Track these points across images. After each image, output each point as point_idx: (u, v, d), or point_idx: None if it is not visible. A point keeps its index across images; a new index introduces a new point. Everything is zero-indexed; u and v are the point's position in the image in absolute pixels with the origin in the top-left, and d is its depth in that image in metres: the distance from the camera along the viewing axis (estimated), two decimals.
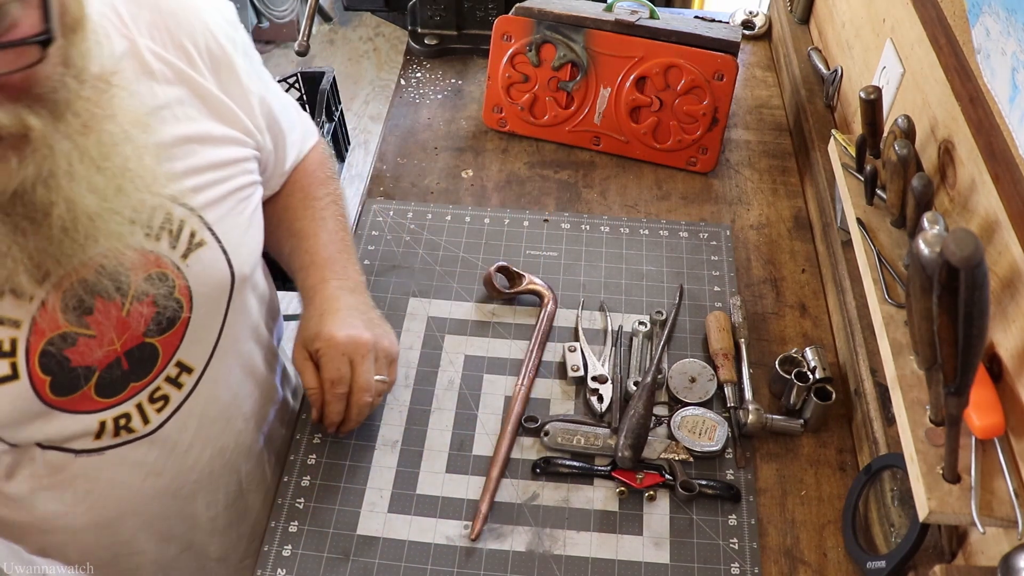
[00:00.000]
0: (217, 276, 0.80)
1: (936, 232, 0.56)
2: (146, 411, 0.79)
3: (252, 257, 0.85)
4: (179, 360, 0.80)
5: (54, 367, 0.70)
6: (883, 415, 0.87)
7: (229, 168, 0.81)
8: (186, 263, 0.76)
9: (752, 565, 0.84)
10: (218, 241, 0.79)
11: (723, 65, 1.20)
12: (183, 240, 0.75)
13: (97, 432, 0.76)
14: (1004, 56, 0.71)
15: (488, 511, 0.87)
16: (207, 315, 0.81)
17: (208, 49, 0.79)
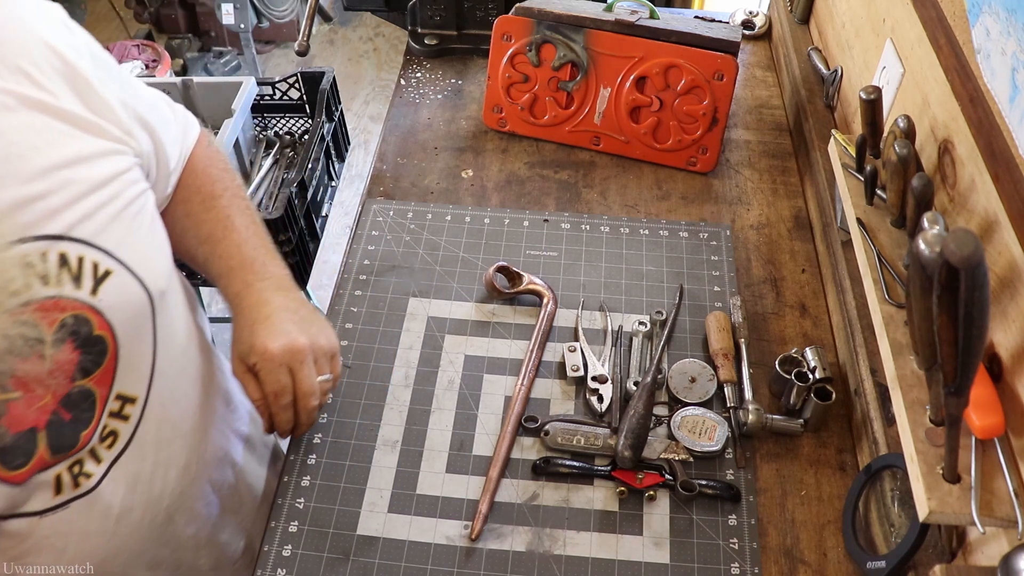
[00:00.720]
0: (134, 302, 0.76)
1: (936, 232, 0.56)
2: (97, 452, 0.76)
3: (163, 269, 0.81)
4: (119, 393, 0.76)
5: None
6: (883, 415, 0.87)
7: (112, 184, 0.75)
8: (97, 298, 0.71)
9: (752, 565, 0.84)
10: (124, 265, 0.74)
11: (723, 65, 1.20)
12: (86, 275, 0.71)
13: (55, 488, 0.73)
14: (1004, 56, 0.71)
15: (488, 511, 0.87)
16: (136, 342, 0.77)
17: (51, 65, 0.72)
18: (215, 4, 3.18)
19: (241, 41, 3.28)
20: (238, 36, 3.27)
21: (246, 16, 3.21)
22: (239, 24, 3.20)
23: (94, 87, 0.75)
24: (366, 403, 0.98)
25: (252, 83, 1.50)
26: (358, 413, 0.97)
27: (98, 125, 0.75)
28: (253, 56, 3.33)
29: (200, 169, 0.92)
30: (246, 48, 3.30)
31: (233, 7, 3.17)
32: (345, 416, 0.96)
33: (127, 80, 0.83)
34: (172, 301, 0.84)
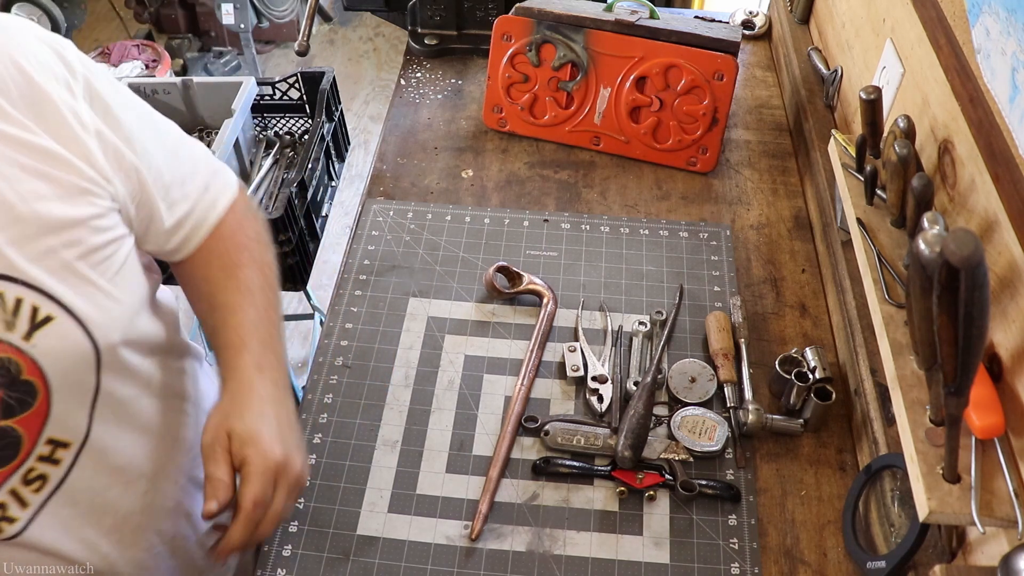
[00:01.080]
0: (74, 351, 0.72)
1: (936, 232, 0.56)
2: (22, 495, 0.72)
3: (122, 319, 0.76)
4: (50, 438, 0.72)
5: None
6: (883, 415, 0.87)
7: (72, 230, 0.70)
8: (31, 343, 0.68)
9: (752, 565, 0.84)
10: (71, 314, 0.70)
11: (723, 65, 1.20)
12: (22, 319, 0.67)
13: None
14: (1004, 56, 0.71)
15: (488, 511, 0.87)
16: (73, 391, 0.73)
17: (21, 93, 0.68)
18: (215, 4, 3.19)
19: (241, 41, 3.28)
20: (238, 36, 3.27)
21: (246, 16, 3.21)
22: (239, 24, 3.20)
23: (67, 120, 0.71)
24: (366, 403, 0.98)
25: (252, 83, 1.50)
26: (358, 413, 0.97)
27: (66, 162, 0.70)
28: (253, 56, 3.33)
29: (227, 235, 0.88)
30: (246, 48, 3.30)
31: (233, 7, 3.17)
32: (345, 416, 0.96)
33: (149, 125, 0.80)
34: (132, 353, 0.79)
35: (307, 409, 0.97)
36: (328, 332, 1.05)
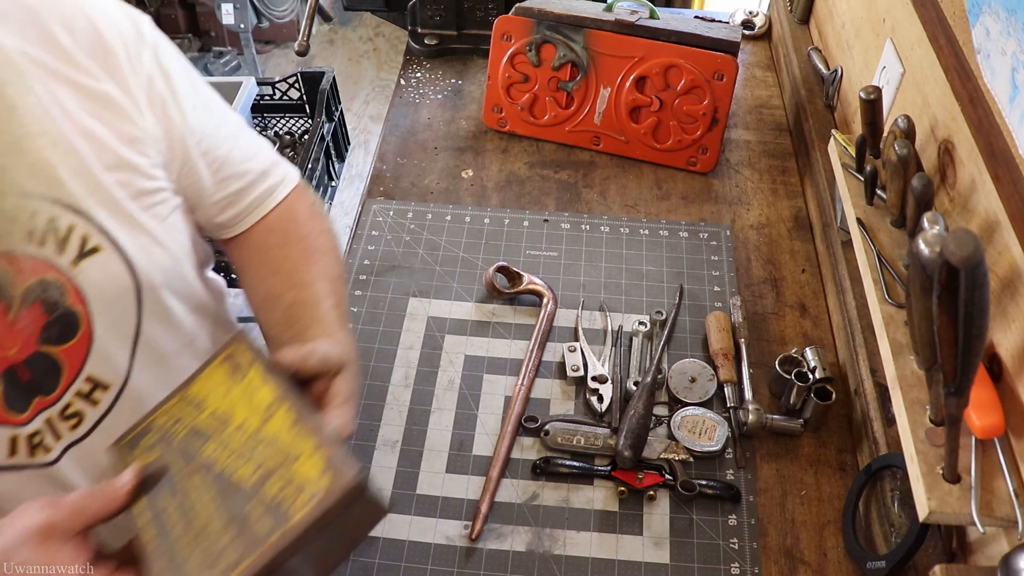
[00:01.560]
0: (117, 285, 0.74)
1: (936, 232, 0.56)
2: (58, 428, 0.74)
3: (165, 264, 0.79)
4: (89, 375, 0.75)
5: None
6: (883, 415, 0.87)
7: (125, 171, 0.74)
8: (77, 269, 0.71)
9: (752, 565, 0.84)
10: (116, 247, 0.73)
11: (723, 65, 1.20)
12: (72, 246, 0.71)
13: (10, 449, 0.72)
14: (1004, 56, 0.71)
15: (488, 511, 0.87)
16: (113, 326, 0.75)
17: (91, 45, 0.73)
18: (215, 4, 3.18)
19: (241, 41, 3.28)
20: (238, 36, 3.27)
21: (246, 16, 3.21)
22: (239, 24, 3.20)
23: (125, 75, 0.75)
24: (366, 403, 0.98)
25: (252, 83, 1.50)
26: (358, 413, 0.97)
27: (126, 112, 0.75)
28: (253, 56, 3.33)
29: (302, 219, 0.91)
30: (246, 48, 3.30)
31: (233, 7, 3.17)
32: None
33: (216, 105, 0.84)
34: (175, 301, 0.82)
35: None
36: None
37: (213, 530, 0.62)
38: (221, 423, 0.69)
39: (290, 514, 0.59)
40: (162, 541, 0.64)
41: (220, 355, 0.75)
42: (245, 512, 0.62)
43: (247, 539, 0.60)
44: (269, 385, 0.69)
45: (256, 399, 0.69)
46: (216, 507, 0.64)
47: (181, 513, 0.65)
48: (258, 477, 0.63)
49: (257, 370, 0.71)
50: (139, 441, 0.73)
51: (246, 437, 0.66)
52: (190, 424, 0.71)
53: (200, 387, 0.74)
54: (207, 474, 0.67)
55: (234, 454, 0.66)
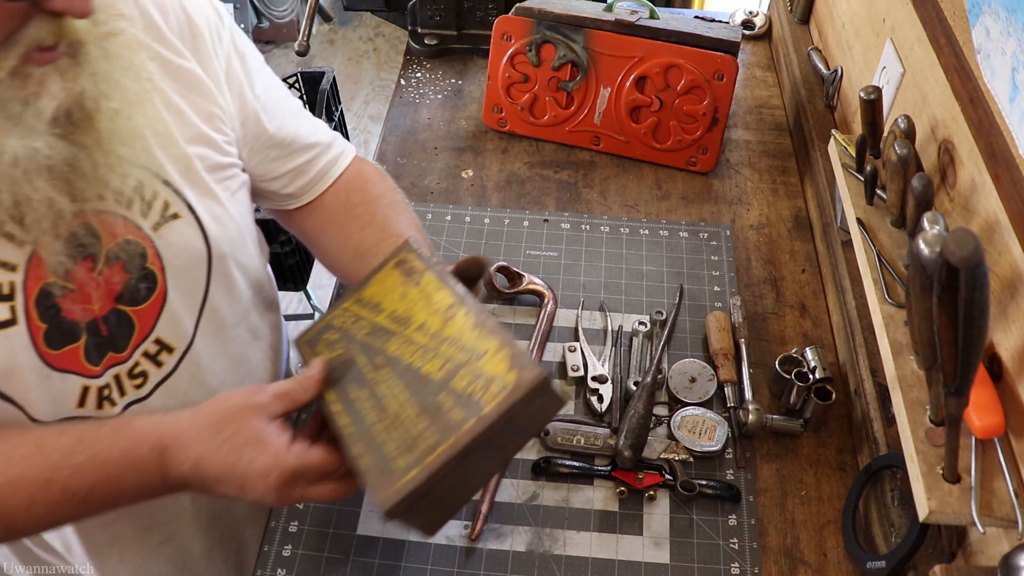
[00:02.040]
0: (192, 251, 0.79)
1: (936, 232, 0.56)
2: (124, 385, 0.78)
3: (233, 235, 0.83)
4: (158, 337, 0.78)
5: (47, 316, 0.70)
6: (883, 415, 0.87)
7: (204, 145, 0.80)
8: (158, 234, 0.75)
9: (752, 565, 0.84)
10: (194, 215, 0.78)
11: (723, 65, 1.20)
12: (155, 211, 0.75)
13: (79, 399, 0.75)
14: (1004, 56, 0.71)
15: (488, 511, 0.87)
16: (184, 291, 0.80)
17: (179, 24, 0.78)
18: None
19: None
20: None
21: (246, 16, 3.21)
22: (239, 24, 3.20)
23: (211, 57, 0.81)
24: None
25: None
26: None
27: (208, 90, 0.80)
28: None
29: (376, 179, 0.98)
30: None
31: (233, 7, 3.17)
32: None
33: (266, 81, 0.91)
34: (237, 272, 0.86)
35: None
36: None
37: (407, 418, 0.69)
38: (401, 323, 0.76)
39: (482, 404, 0.65)
40: (358, 426, 0.71)
41: (391, 261, 0.82)
42: (437, 402, 0.68)
43: (442, 426, 0.66)
44: (445, 290, 0.75)
45: (434, 302, 0.75)
46: (407, 398, 0.70)
47: (373, 402, 0.71)
48: (446, 372, 0.69)
49: (431, 276, 0.77)
50: (320, 337, 0.80)
51: (429, 336, 0.73)
52: (370, 323, 0.78)
53: (374, 291, 0.81)
54: (394, 368, 0.73)
55: (419, 350, 0.72)
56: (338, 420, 0.71)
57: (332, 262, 0.96)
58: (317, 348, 0.79)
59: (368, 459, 0.67)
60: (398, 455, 0.66)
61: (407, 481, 0.64)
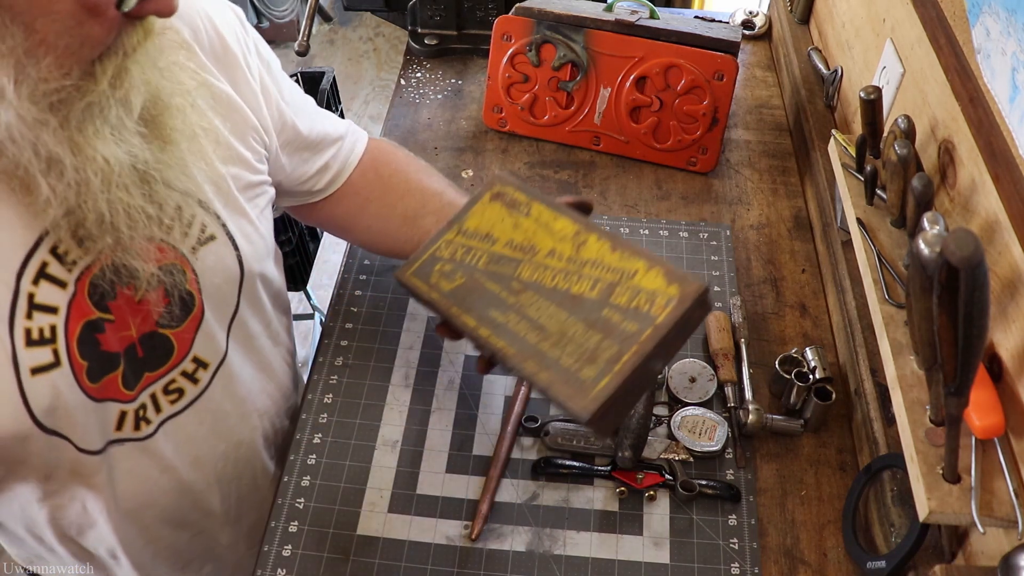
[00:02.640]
0: (227, 271, 0.81)
1: (936, 232, 0.56)
2: (159, 401, 0.80)
3: (261, 253, 0.86)
4: (195, 355, 0.81)
5: (89, 353, 0.71)
6: (883, 415, 0.87)
7: (237, 165, 0.82)
8: (196, 256, 0.77)
9: (752, 565, 0.84)
10: (229, 236, 0.80)
11: (723, 65, 1.20)
12: (193, 233, 0.77)
13: (117, 424, 0.77)
14: (1004, 56, 0.71)
15: (488, 511, 0.87)
16: (217, 309, 0.82)
17: (211, 44, 0.79)
18: None
19: None
20: None
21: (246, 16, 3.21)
22: None
23: (247, 74, 0.83)
24: (366, 403, 0.98)
25: None
26: (358, 413, 0.97)
27: (240, 108, 0.82)
28: None
29: (395, 151, 1.03)
30: None
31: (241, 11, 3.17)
32: (345, 416, 0.96)
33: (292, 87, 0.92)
34: (262, 288, 0.89)
35: (307, 409, 0.97)
36: (328, 332, 1.05)
37: (575, 334, 0.74)
38: (526, 251, 0.81)
39: (653, 315, 0.72)
40: (520, 346, 0.76)
41: (485, 194, 0.86)
42: (604, 317, 0.73)
43: (619, 337, 0.72)
44: (564, 219, 0.80)
45: (556, 230, 0.80)
46: (566, 317, 0.75)
47: (528, 324, 0.76)
48: (600, 291, 0.75)
49: (541, 206, 0.82)
50: (431, 269, 0.84)
51: (565, 261, 0.78)
52: (487, 252, 0.83)
53: (477, 222, 0.85)
54: (538, 291, 0.78)
55: (559, 274, 0.77)
56: (492, 343, 0.76)
57: (379, 235, 1.00)
58: (432, 279, 0.83)
59: (546, 375, 0.73)
60: (580, 367, 0.72)
61: (602, 388, 0.70)
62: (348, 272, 1.12)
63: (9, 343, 0.66)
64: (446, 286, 0.82)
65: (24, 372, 0.67)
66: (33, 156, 0.61)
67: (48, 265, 0.67)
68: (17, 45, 0.56)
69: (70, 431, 0.73)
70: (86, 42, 0.59)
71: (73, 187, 0.63)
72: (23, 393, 0.68)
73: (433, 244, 0.86)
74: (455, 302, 0.81)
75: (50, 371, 0.68)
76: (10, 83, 0.57)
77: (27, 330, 0.67)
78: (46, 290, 0.67)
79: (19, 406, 0.68)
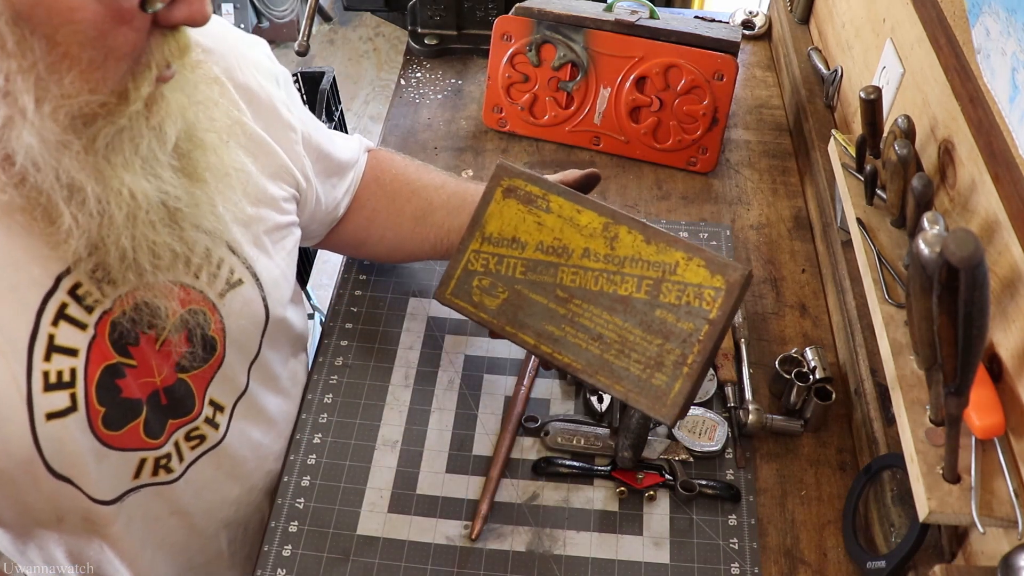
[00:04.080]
0: (251, 315, 0.79)
1: (936, 232, 0.56)
2: (182, 448, 0.78)
3: (286, 297, 0.85)
4: (211, 398, 0.79)
5: (107, 399, 0.68)
6: (883, 415, 0.87)
7: (267, 206, 0.80)
8: (223, 301, 0.75)
9: (752, 565, 0.84)
10: (256, 280, 0.78)
11: (723, 65, 1.20)
12: (221, 278, 0.74)
13: (136, 472, 0.75)
14: (1004, 56, 0.71)
15: (488, 511, 0.87)
16: (238, 353, 0.80)
17: (246, 84, 0.78)
18: (215, 4, 3.18)
19: None
20: None
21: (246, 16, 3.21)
22: (239, 24, 3.20)
23: (280, 113, 0.81)
24: (366, 403, 0.98)
25: None
26: (358, 413, 0.97)
27: (271, 148, 0.79)
28: None
29: (388, 154, 1.03)
30: None
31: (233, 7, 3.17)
32: (345, 416, 0.96)
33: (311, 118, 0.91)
34: (283, 332, 0.88)
35: (307, 409, 0.97)
36: (328, 332, 1.05)
37: (634, 340, 0.74)
38: (560, 253, 0.78)
39: (705, 310, 0.72)
40: (586, 360, 0.76)
41: (496, 191, 0.82)
42: (658, 319, 0.74)
43: (679, 339, 0.73)
44: (588, 212, 0.78)
45: (583, 225, 0.78)
46: (621, 323, 0.75)
47: (586, 335, 0.76)
48: (647, 291, 0.74)
49: (559, 200, 0.80)
50: (469, 286, 0.82)
51: (602, 260, 0.77)
52: (520, 260, 0.80)
53: (498, 225, 0.82)
54: (584, 298, 0.77)
55: (602, 276, 0.76)
56: (558, 359, 0.77)
57: (394, 242, 1.00)
58: (474, 297, 0.81)
59: (621, 387, 0.74)
60: (650, 375, 0.73)
61: (677, 393, 0.73)
62: (348, 272, 1.12)
63: (26, 386, 0.63)
64: (491, 303, 0.81)
65: (39, 417, 0.64)
66: (55, 181, 0.57)
67: (68, 306, 0.64)
68: (38, 60, 0.53)
69: (79, 479, 0.70)
70: (112, 54, 0.55)
71: (95, 218, 0.59)
72: (35, 437, 0.65)
73: (462, 256, 0.83)
74: (507, 320, 0.80)
75: (65, 416, 0.66)
76: (31, 101, 0.54)
77: (45, 373, 0.64)
78: (66, 331, 0.64)
79: (31, 451, 0.65)
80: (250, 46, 0.81)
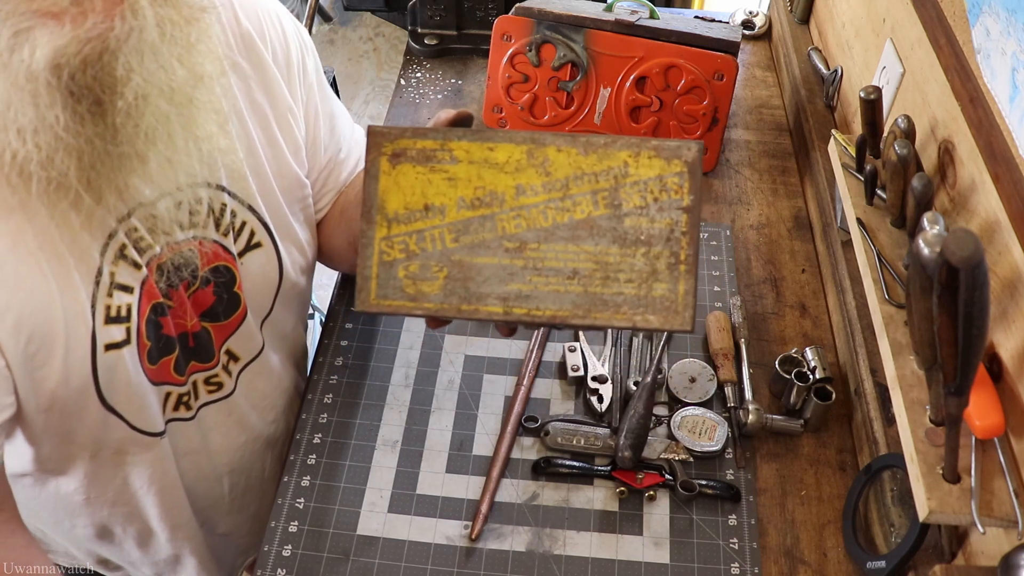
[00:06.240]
0: (267, 277, 0.85)
1: (936, 232, 0.56)
2: (199, 390, 0.85)
3: (300, 265, 0.90)
4: (228, 348, 0.85)
5: (152, 334, 0.75)
6: (883, 415, 0.87)
7: (289, 179, 0.85)
8: (242, 260, 0.81)
9: (752, 565, 0.84)
10: (274, 245, 0.83)
11: (723, 65, 1.20)
12: (242, 238, 0.80)
13: (163, 405, 0.81)
14: (1004, 56, 0.71)
15: (488, 511, 0.87)
16: (255, 310, 0.86)
17: (277, 53, 0.82)
18: None
19: None
20: None
21: None
22: None
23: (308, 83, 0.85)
24: (366, 403, 0.98)
25: None
26: (358, 413, 0.97)
27: (295, 117, 0.84)
28: None
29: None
30: None
31: None
32: (345, 416, 0.96)
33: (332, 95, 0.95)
34: (295, 295, 0.92)
35: (307, 409, 0.97)
36: (328, 332, 1.05)
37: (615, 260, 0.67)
38: (490, 201, 0.68)
39: (677, 199, 0.66)
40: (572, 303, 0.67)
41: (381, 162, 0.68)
42: (631, 228, 0.66)
43: (662, 239, 0.66)
44: (502, 145, 0.68)
45: (503, 163, 0.68)
46: (593, 247, 0.67)
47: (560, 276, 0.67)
48: (606, 204, 0.67)
49: (463, 143, 0.68)
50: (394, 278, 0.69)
51: (543, 191, 0.67)
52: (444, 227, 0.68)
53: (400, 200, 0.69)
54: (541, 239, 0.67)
55: (549, 208, 0.67)
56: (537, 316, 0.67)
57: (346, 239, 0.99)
58: (406, 289, 0.69)
59: (623, 314, 0.66)
60: (649, 288, 0.66)
61: (684, 294, 0.66)
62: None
63: (91, 319, 0.69)
64: (430, 289, 0.68)
65: (100, 348, 0.70)
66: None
67: (126, 247, 0.70)
68: None
69: (125, 410, 0.76)
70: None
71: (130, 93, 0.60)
72: (95, 367, 0.70)
73: (371, 250, 0.69)
74: (458, 299, 0.67)
75: (120, 348, 0.72)
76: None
77: (107, 307, 0.70)
78: (124, 270, 0.71)
79: (88, 380, 0.71)
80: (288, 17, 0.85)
